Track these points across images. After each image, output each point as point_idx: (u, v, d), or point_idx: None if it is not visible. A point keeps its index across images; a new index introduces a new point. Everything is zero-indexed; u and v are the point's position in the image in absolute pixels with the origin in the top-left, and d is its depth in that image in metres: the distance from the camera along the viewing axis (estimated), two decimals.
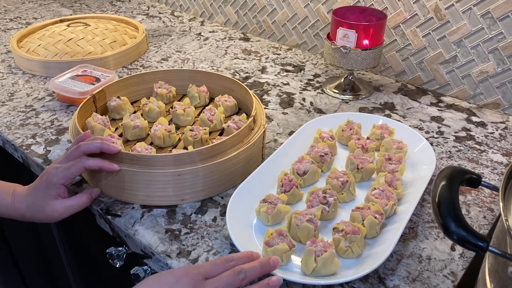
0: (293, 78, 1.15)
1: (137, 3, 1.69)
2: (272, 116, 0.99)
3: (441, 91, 1.09)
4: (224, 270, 0.57)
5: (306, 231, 0.66)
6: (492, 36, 0.97)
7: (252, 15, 1.39)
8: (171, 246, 0.67)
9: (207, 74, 1.00)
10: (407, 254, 0.66)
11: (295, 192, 0.73)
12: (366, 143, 0.83)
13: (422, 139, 0.84)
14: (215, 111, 0.90)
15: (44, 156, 0.86)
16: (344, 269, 0.62)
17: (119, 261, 0.79)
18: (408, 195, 0.74)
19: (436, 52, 1.06)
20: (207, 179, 0.74)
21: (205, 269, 0.56)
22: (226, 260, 0.58)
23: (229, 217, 0.67)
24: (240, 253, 0.60)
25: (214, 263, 0.57)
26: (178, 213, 0.73)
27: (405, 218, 0.67)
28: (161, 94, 0.98)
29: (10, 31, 1.43)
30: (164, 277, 0.56)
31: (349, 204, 0.74)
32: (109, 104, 0.92)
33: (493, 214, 0.73)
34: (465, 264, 0.65)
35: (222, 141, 0.75)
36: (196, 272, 0.56)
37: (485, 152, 0.88)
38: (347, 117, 0.90)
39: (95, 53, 1.18)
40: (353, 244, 0.63)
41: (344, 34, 0.99)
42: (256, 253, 0.61)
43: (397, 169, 0.76)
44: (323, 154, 0.80)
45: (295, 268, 0.63)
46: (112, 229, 0.74)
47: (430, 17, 1.03)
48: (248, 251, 0.61)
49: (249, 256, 0.60)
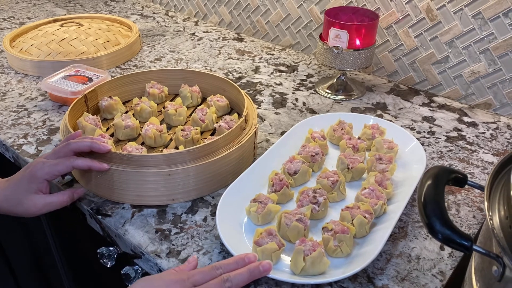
0: (286, 78, 1.15)
1: (131, 3, 1.69)
2: (264, 116, 0.99)
3: (433, 91, 1.09)
4: (212, 278, 0.57)
5: (296, 230, 0.66)
6: (483, 37, 0.97)
7: (246, 15, 1.39)
8: (161, 246, 0.67)
9: (199, 74, 1.00)
10: (396, 254, 0.66)
11: (286, 192, 0.74)
12: (357, 143, 0.83)
13: (413, 139, 0.85)
14: (207, 111, 0.90)
15: (35, 156, 0.86)
16: (333, 269, 0.62)
17: (110, 261, 0.79)
18: (398, 195, 0.74)
19: (428, 52, 1.06)
20: (198, 179, 0.74)
21: (195, 278, 0.57)
22: (213, 268, 0.58)
23: (219, 216, 0.67)
24: (229, 260, 0.60)
25: (202, 271, 0.58)
26: (169, 213, 0.73)
27: (394, 218, 0.67)
28: (153, 94, 0.98)
29: (3, 31, 1.43)
30: (156, 282, 0.56)
31: (339, 203, 0.74)
32: (101, 104, 0.92)
33: (483, 214, 0.73)
34: (453, 263, 0.65)
35: (213, 141, 0.75)
36: (185, 278, 0.56)
37: (476, 152, 0.88)
38: (339, 117, 0.91)
39: (88, 53, 1.18)
40: (342, 243, 0.64)
41: (336, 35, 0.99)
42: (252, 255, 0.61)
43: (388, 169, 0.77)
44: (314, 154, 0.80)
45: (285, 267, 0.63)
46: (102, 229, 0.74)
47: (422, 18, 1.04)
48: (239, 256, 0.61)
49: (238, 262, 0.60)
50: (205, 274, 0.57)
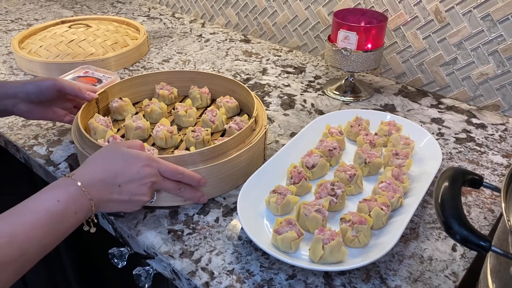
0: (294, 80, 1.15)
1: (137, 5, 1.69)
2: (273, 118, 0.99)
3: (441, 93, 1.09)
4: (172, 177, 0.68)
5: (315, 220, 0.67)
6: (492, 39, 0.97)
7: (253, 17, 1.39)
8: (173, 247, 0.68)
9: (208, 75, 1.01)
10: (409, 255, 0.66)
11: (304, 184, 0.75)
12: (374, 139, 0.84)
13: (428, 135, 0.86)
14: (217, 112, 0.90)
15: (46, 157, 0.86)
16: (351, 258, 0.64)
17: (121, 261, 0.79)
18: (414, 189, 0.75)
19: (437, 54, 1.06)
20: (209, 180, 0.74)
21: (162, 168, 0.67)
22: (177, 171, 0.68)
23: (240, 206, 0.68)
24: (190, 172, 0.70)
25: (168, 167, 0.67)
26: (181, 213, 0.74)
27: (410, 211, 0.68)
28: (163, 95, 0.98)
29: (11, 32, 1.44)
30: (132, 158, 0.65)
31: (356, 196, 0.76)
32: (111, 105, 0.93)
33: (494, 215, 0.74)
34: (466, 264, 0.65)
35: (223, 142, 0.75)
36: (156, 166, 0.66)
37: (485, 153, 0.88)
38: (355, 113, 0.92)
39: (97, 55, 1.18)
40: (360, 234, 0.65)
41: (345, 36, 1.00)
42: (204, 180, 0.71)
43: (404, 164, 0.78)
44: (332, 149, 0.82)
45: (303, 256, 0.65)
46: (115, 229, 0.74)
47: (431, 19, 1.04)
48: (199, 177, 0.71)
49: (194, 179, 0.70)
50: (169, 171, 0.67)
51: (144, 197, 0.66)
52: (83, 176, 0.61)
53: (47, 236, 0.55)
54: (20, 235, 0.52)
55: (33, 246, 0.53)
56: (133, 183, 0.64)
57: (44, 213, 0.55)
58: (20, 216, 0.54)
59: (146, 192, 0.66)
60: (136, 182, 0.64)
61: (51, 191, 0.58)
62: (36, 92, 0.81)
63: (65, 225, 0.57)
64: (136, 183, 0.64)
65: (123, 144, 0.68)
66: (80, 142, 0.78)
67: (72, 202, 0.58)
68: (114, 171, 0.63)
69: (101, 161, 0.64)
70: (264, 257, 0.66)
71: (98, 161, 0.64)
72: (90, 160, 0.65)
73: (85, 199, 0.60)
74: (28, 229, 0.53)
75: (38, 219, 0.54)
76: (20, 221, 0.53)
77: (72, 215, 0.58)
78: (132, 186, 0.64)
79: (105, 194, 0.62)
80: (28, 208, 0.55)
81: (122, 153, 0.65)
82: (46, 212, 0.55)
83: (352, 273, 0.64)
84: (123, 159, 0.64)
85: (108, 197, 0.63)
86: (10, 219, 0.53)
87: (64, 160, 0.86)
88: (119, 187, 0.63)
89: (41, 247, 0.55)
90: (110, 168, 0.63)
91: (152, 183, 0.66)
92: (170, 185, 0.69)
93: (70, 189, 0.59)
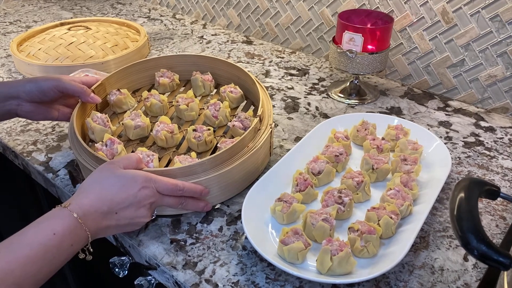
0: (298, 82, 1.13)
1: (138, 6, 1.67)
2: (277, 121, 0.97)
3: (448, 95, 1.07)
4: (172, 194, 0.66)
5: (322, 230, 0.65)
6: (500, 40, 0.95)
7: (255, 18, 1.37)
8: (176, 257, 0.65)
9: (212, 60, 0.97)
10: (419, 265, 0.64)
11: (310, 192, 0.73)
12: (381, 144, 0.82)
13: (436, 140, 0.84)
14: (220, 106, 0.87)
15: (45, 164, 0.84)
16: (360, 269, 0.62)
17: (122, 271, 0.77)
18: (423, 195, 0.73)
19: (443, 55, 1.04)
20: (212, 189, 0.72)
21: (161, 187, 0.65)
22: (177, 188, 0.66)
23: (245, 215, 0.67)
24: (190, 186, 0.67)
25: (166, 185, 0.65)
26: (183, 222, 0.71)
27: (421, 219, 0.66)
28: (164, 84, 0.95)
29: (10, 35, 1.42)
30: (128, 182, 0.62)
31: (364, 204, 0.73)
32: (109, 98, 0.90)
33: (506, 223, 0.71)
34: (479, 275, 0.63)
35: (226, 149, 0.72)
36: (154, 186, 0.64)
37: (495, 158, 0.86)
38: (361, 117, 0.89)
39: (97, 57, 1.16)
40: (369, 243, 0.63)
41: (350, 38, 0.97)
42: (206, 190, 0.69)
43: (413, 170, 0.76)
44: (338, 154, 0.79)
45: (311, 267, 0.62)
46: (116, 239, 0.72)
47: (437, 20, 1.02)
48: (200, 188, 0.68)
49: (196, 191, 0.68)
50: (169, 189, 0.65)
51: (143, 219, 0.64)
52: (79, 207, 0.58)
53: (42, 270, 0.53)
54: (15, 271, 0.50)
55: (27, 280, 0.52)
56: (131, 207, 0.62)
57: (39, 247, 0.53)
58: (15, 251, 0.52)
59: (145, 214, 0.64)
60: (134, 206, 0.62)
61: (47, 222, 0.56)
62: (37, 92, 0.78)
63: (61, 258, 0.56)
64: (134, 207, 0.62)
65: (119, 165, 0.65)
66: (79, 150, 0.75)
67: (68, 234, 0.56)
68: (110, 200, 0.61)
69: (98, 189, 0.61)
70: (270, 268, 0.64)
71: (95, 189, 0.61)
72: (86, 186, 0.62)
73: (82, 231, 0.57)
74: (23, 264, 0.51)
75: (33, 254, 0.52)
76: (15, 256, 0.51)
77: (68, 248, 0.56)
78: (130, 211, 0.62)
79: (102, 222, 0.60)
80: (23, 241, 0.53)
81: (117, 177, 0.63)
82: (42, 246, 0.53)
83: (361, 285, 0.61)
84: (119, 185, 0.62)
85: (106, 224, 0.61)
86: (4, 253, 0.51)
87: (63, 166, 0.84)
88: (116, 214, 0.61)
89: (36, 281, 0.53)
90: (106, 197, 0.61)
91: (150, 204, 0.64)
92: (171, 202, 0.67)
93: (66, 221, 0.56)
